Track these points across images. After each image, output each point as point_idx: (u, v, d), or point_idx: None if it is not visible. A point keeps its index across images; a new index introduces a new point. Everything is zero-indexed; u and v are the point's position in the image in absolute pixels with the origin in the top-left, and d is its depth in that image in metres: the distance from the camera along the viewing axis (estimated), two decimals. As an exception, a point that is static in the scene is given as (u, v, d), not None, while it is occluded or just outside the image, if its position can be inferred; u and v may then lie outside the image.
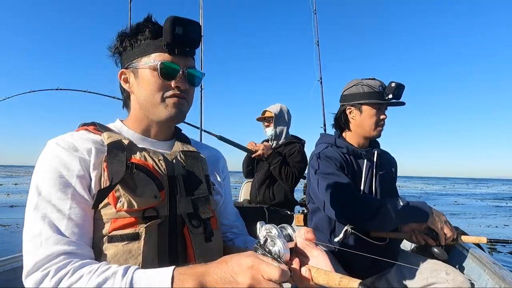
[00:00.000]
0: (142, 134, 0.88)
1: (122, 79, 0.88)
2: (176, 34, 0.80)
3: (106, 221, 0.73)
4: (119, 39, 0.87)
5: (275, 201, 2.41)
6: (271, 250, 0.64)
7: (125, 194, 0.73)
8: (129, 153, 0.79)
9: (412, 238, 1.41)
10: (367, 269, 1.48)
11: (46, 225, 0.68)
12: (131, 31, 0.86)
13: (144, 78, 0.83)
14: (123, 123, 0.90)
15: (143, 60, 0.83)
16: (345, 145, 1.52)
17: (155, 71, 0.81)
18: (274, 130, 2.50)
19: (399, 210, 1.30)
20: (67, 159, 0.74)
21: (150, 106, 0.84)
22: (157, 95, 0.83)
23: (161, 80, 0.82)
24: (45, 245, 0.66)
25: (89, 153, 0.77)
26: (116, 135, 0.82)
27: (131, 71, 0.86)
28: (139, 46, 0.84)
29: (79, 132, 0.83)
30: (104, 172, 0.75)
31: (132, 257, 0.71)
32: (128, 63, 0.86)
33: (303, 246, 0.69)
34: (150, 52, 0.82)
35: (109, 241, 0.71)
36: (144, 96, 0.84)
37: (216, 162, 1.01)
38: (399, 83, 1.43)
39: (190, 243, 0.79)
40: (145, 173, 0.77)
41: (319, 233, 1.57)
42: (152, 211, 0.76)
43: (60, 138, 0.78)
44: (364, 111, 1.49)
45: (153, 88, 0.82)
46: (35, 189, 0.72)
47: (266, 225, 0.68)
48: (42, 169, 0.74)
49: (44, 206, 0.70)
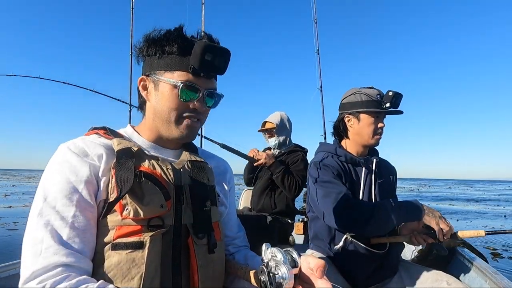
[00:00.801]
0: (152, 141, 0.88)
1: (141, 86, 0.87)
2: (205, 61, 0.78)
3: (111, 228, 0.72)
4: (146, 43, 0.85)
5: (276, 210, 2.40)
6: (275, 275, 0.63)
7: (132, 202, 0.73)
8: (138, 161, 0.78)
9: (412, 240, 1.40)
10: (367, 278, 1.47)
11: (48, 233, 0.67)
12: (159, 39, 0.83)
13: (164, 93, 0.82)
14: (134, 130, 0.90)
15: (166, 75, 0.82)
16: (343, 154, 1.53)
17: (176, 89, 0.81)
18: (278, 139, 2.50)
19: (393, 211, 1.31)
20: (77, 164, 0.74)
21: (164, 122, 0.84)
22: (173, 114, 0.83)
23: (180, 101, 0.82)
24: (44, 254, 0.66)
25: (100, 158, 0.77)
26: (126, 141, 0.82)
27: (152, 81, 0.85)
28: (165, 58, 0.82)
29: (91, 137, 0.83)
30: (112, 179, 0.74)
31: (135, 266, 0.70)
32: (150, 71, 0.84)
33: (308, 273, 0.68)
34: (175, 68, 0.81)
35: (113, 249, 0.71)
36: (160, 111, 0.84)
37: (223, 173, 1.01)
38: (396, 92, 1.45)
39: (194, 253, 0.79)
40: (153, 181, 0.77)
41: (318, 241, 1.57)
42: (158, 220, 0.75)
43: (71, 143, 0.78)
44: (362, 119, 1.51)
45: (171, 106, 0.82)
46: (42, 193, 0.72)
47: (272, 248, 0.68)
48: (51, 173, 0.74)
49: (48, 213, 0.69)
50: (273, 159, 2.36)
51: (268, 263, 0.66)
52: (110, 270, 0.70)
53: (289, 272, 0.62)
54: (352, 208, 1.33)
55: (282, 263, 0.63)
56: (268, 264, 0.66)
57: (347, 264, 1.47)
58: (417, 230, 1.40)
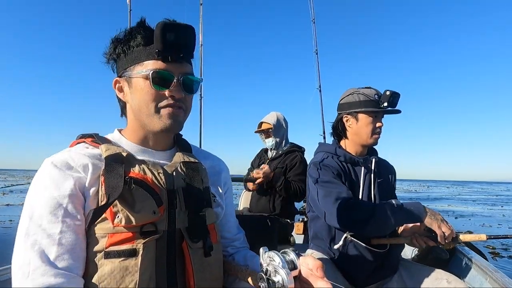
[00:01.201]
0: (141, 144, 0.85)
1: (116, 88, 0.85)
2: (167, 41, 0.75)
3: (103, 235, 0.71)
4: (113, 45, 0.83)
5: (275, 212, 2.40)
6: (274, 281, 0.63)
7: (123, 210, 0.71)
8: (128, 166, 0.76)
9: (413, 242, 1.40)
10: (367, 277, 1.47)
11: (35, 253, 0.66)
12: (124, 37, 0.81)
13: (138, 88, 0.79)
14: (121, 134, 0.87)
15: (136, 68, 0.79)
16: (342, 154, 1.54)
17: (148, 80, 0.77)
18: (275, 140, 2.50)
19: (393, 212, 1.30)
20: (60, 179, 0.72)
21: (145, 116, 0.81)
22: (151, 106, 0.79)
23: (155, 90, 0.78)
24: (32, 275, 0.64)
25: (86, 169, 0.74)
26: (115, 147, 0.79)
27: (125, 80, 0.82)
28: (131, 53, 0.80)
29: (76, 147, 0.81)
30: (102, 186, 0.72)
31: (129, 274, 0.69)
32: (122, 71, 0.82)
33: (307, 275, 0.67)
34: (142, 59, 0.78)
35: (106, 257, 0.69)
36: (138, 107, 0.81)
37: (218, 173, 0.97)
38: (393, 91, 1.46)
39: (189, 258, 0.77)
40: (144, 188, 0.74)
41: (318, 241, 1.57)
42: (151, 226, 0.73)
43: (55, 157, 0.76)
44: (360, 119, 1.51)
45: (146, 98, 0.79)
46: (28, 210, 0.70)
47: (269, 252, 0.67)
48: (35, 190, 0.72)
49: (34, 231, 0.68)
50: (272, 174, 2.32)
51: (266, 268, 0.65)
52: (103, 279, 0.68)
53: (288, 276, 0.61)
54: (353, 208, 1.33)
55: (281, 268, 0.63)
56: (267, 270, 0.65)
57: (347, 263, 1.46)
58: (418, 233, 1.40)
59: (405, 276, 1.47)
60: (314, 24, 3.47)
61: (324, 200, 1.38)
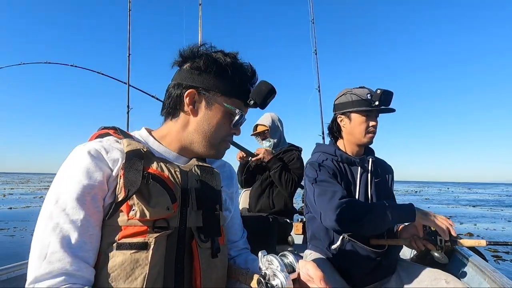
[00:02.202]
0: (168, 148, 0.89)
1: (189, 98, 0.86)
2: (263, 98, 0.86)
3: (117, 227, 0.73)
4: (206, 60, 0.85)
5: (275, 209, 2.41)
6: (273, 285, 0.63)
7: (139, 203, 0.73)
8: (147, 162, 0.79)
9: (412, 244, 1.41)
10: (365, 277, 1.47)
11: (55, 237, 0.68)
12: (221, 60, 0.86)
13: (216, 116, 0.86)
14: (150, 134, 0.90)
15: (223, 98, 0.86)
16: (339, 154, 1.55)
17: (231, 115, 0.87)
18: (272, 141, 2.51)
19: (388, 211, 1.32)
20: (92, 168, 0.74)
21: (205, 140, 0.88)
22: (219, 137, 0.88)
23: (229, 128, 0.88)
24: (49, 258, 0.66)
25: (115, 163, 0.77)
26: (136, 143, 0.82)
27: (205, 98, 0.86)
28: (223, 82, 0.85)
29: (107, 139, 0.83)
30: (120, 179, 0.75)
31: (139, 266, 0.71)
32: (203, 88, 0.85)
33: (306, 280, 0.68)
34: (232, 95, 0.86)
35: (118, 248, 0.71)
36: (205, 130, 0.87)
37: (230, 178, 1.02)
38: (385, 90, 1.47)
39: (197, 256, 0.79)
40: (160, 183, 0.77)
41: (317, 241, 1.57)
42: (163, 222, 0.76)
43: (89, 145, 0.78)
44: (353, 119, 1.54)
45: (220, 130, 0.87)
46: (54, 194, 0.72)
47: (268, 255, 0.68)
48: (65, 175, 0.74)
49: (58, 215, 0.70)
50: (271, 155, 2.38)
51: (265, 272, 0.66)
52: (114, 270, 0.70)
53: (286, 280, 0.62)
54: (347, 207, 1.33)
55: (279, 271, 0.63)
56: (266, 274, 0.65)
57: (345, 263, 1.46)
58: (418, 235, 1.40)
59: (404, 276, 1.47)
60: (313, 24, 3.48)
61: (319, 198, 1.39)
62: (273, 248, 2.22)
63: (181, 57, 0.89)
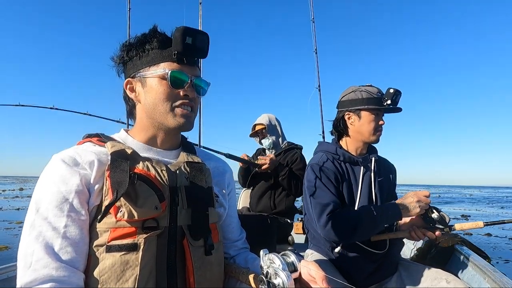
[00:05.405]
0: (148, 143, 0.88)
1: (128, 89, 0.88)
2: (186, 44, 0.81)
3: (106, 230, 0.72)
4: (125, 49, 0.87)
5: (276, 210, 2.41)
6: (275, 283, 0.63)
7: (126, 204, 0.73)
8: (132, 163, 0.78)
9: (412, 235, 1.39)
10: (367, 277, 1.47)
11: (39, 245, 0.68)
12: (137, 42, 0.86)
13: (153, 87, 0.83)
14: (127, 133, 0.90)
15: (151, 69, 0.84)
16: (341, 153, 1.53)
17: (164, 80, 0.82)
18: (271, 139, 2.51)
19: (374, 217, 1.31)
20: (67, 174, 0.74)
21: (158, 115, 0.84)
22: (166, 104, 0.83)
23: (170, 89, 0.83)
24: (34, 266, 0.66)
25: (91, 166, 0.77)
26: (120, 144, 0.82)
27: (138, 80, 0.86)
28: (147, 55, 0.85)
29: (84, 145, 0.83)
30: (107, 181, 0.74)
31: (129, 268, 0.70)
32: (134, 72, 0.86)
33: (308, 279, 0.68)
34: (158, 61, 0.83)
35: (107, 251, 0.71)
36: (152, 105, 0.84)
37: (222, 174, 1.00)
38: (397, 89, 1.45)
39: (189, 255, 0.78)
40: (147, 183, 0.76)
41: (317, 242, 1.57)
42: (152, 222, 0.75)
43: (63, 153, 0.78)
44: (363, 116, 1.51)
45: (162, 97, 0.83)
46: (34, 204, 0.72)
47: (269, 254, 0.67)
48: (43, 184, 0.75)
49: (40, 224, 0.70)
50: (276, 162, 2.36)
51: (267, 271, 0.66)
52: (104, 272, 0.70)
53: (288, 279, 0.62)
54: (334, 222, 1.32)
55: (281, 270, 0.63)
56: (268, 273, 0.65)
57: (346, 264, 1.46)
58: (416, 224, 1.40)
59: (404, 276, 1.48)
60: (314, 23, 3.47)
61: (313, 210, 1.39)
62: (274, 247, 2.22)
63: (115, 61, 0.91)
